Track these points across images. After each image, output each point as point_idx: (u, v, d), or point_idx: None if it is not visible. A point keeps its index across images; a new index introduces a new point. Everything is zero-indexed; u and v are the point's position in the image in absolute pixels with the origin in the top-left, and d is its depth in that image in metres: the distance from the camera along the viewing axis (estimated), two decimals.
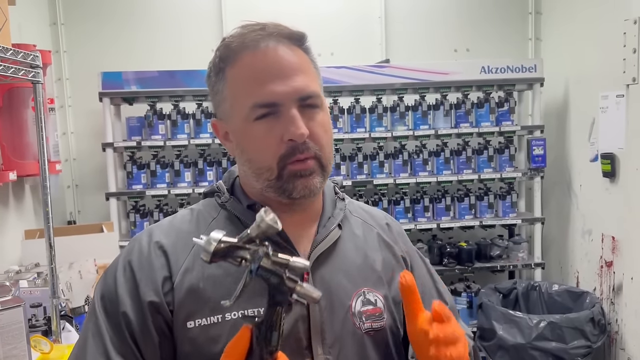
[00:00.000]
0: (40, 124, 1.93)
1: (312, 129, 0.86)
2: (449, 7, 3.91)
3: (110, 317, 0.84)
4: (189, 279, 0.85)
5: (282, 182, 0.87)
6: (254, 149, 0.88)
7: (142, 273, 0.85)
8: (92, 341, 0.83)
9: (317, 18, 3.76)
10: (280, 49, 0.87)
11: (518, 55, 3.91)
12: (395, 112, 3.54)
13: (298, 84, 0.86)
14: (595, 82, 3.25)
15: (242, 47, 0.87)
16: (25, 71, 1.92)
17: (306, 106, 0.87)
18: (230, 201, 0.95)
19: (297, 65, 0.87)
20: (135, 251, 0.89)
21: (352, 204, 1.05)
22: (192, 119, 3.45)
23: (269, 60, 0.86)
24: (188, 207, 0.99)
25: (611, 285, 3.19)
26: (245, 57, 0.87)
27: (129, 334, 0.82)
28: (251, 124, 0.87)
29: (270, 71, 0.85)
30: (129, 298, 0.84)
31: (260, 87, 0.85)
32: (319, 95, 0.89)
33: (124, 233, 3.50)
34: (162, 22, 3.72)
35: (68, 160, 3.69)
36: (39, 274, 2.32)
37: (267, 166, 0.87)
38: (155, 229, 0.92)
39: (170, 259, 0.87)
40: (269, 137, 0.85)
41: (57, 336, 1.94)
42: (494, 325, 3.05)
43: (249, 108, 0.86)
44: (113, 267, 0.89)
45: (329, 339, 0.87)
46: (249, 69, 0.86)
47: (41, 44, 2.91)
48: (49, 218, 1.97)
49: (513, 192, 3.69)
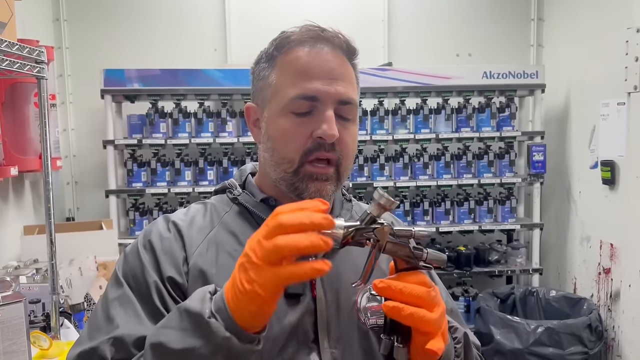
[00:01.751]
0: (44, 120, 1.93)
1: (342, 137, 0.89)
2: (452, 12, 3.92)
3: (137, 289, 0.85)
4: (202, 263, 0.87)
5: (297, 179, 0.89)
6: (282, 139, 0.90)
7: (163, 250, 0.88)
8: (119, 306, 0.83)
9: (320, 20, 3.74)
10: (335, 55, 0.90)
11: (520, 61, 3.92)
12: (396, 115, 3.55)
13: (341, 88, 0.89)
14: (597, 90, 3.26)
15: (299, 41, 0.90)
16: (30, 66, 1.92)
17: (342, 114, 0.90)
18: (242, 195, 0.97)
19: (346, 74, 0.91)
20: (154, 233, 0.91)
21: (358, 206, 1.07)
22: (194, 118, 3.45)
23: (321, 60, 0.89)
24: (201, 202, 1.00)
25: (609, 292, 3.20)
26: (299, 51, 0.90)
27: (161, 302, 0.83)
28: (287, 114, 0.89)
29: (319, 69, 0.88)
30: (154, 271, 0.86)
31: (306, 81, 0.88)
32: (356, 107, 0.92)
33: (123, 231, 3.49)
34: (166, 20, 3.72)
35: (68, 157, 3.68)
36: (38, 270, 2.31)
37: (290, 158, 0.89)
38: (172, 216, 0.95)
39: (186, 242, 0.89)
40: (300, 130, 0.88)
41: (56, 332, 1.94)
42: (492, 330, 3.05)
43: (290, 99, 0.88)
44: (133, 248, 0.91)
45: (335, 333, 0.88)
46: (301, 62, 0.89)
47: (44, 40, 2.90)
48: (51, 214, 1.97)
49: (512, 198, 3.70)
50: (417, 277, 0.75)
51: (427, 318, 0.74)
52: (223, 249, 0.89)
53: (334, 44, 0.91)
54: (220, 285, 0.81)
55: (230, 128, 3.45)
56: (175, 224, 0.92)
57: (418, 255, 0.74)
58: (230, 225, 0.93)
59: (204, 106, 3.47)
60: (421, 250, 0.74)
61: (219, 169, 3.48)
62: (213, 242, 0.89)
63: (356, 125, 0.94)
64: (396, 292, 0.73)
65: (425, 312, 0.74)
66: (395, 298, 0.74)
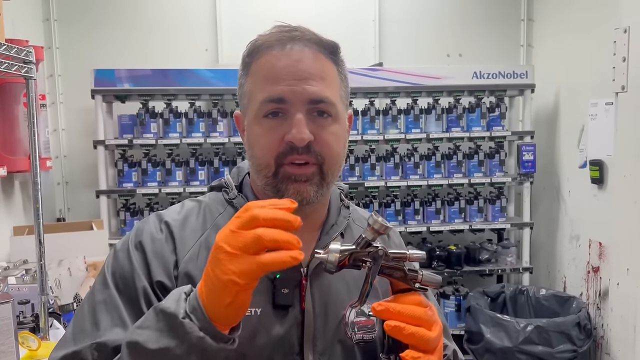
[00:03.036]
0: (32, 120, 1.93)
1: (320, 136, 0.87)
2: (443, 13, 3.94)
3: (124, 292, 0.84)
4: (192, 268, 0.86)
5: (277, 182, 0.88)
6: (257, 145, 0.89)
7: (154, 253, 0.87)
8: (105, 311, 0.83)
9: (311, 20, 3.71)
10: (305, 53, 0.88)
11: (510, 62, 3.94)
12: (387, 115, 3.56)
13: (311, 87, 0.86)
14: (585, 90, 3.28)
15: (268, 45, 0.89)
16: (18, 66, 1.92)
17: (318, 114, 0.88)
18: (237, 198, 0.95)
19: (317, 71, 0.88)
20: (146, 233, 0.90)
21: (355, 212, 1.05)
22: (185, 118, 3.45)
23: (288, 61, 0.87)
24: (195, 199, 0.99)
25: (597, 291, 3.23)
26: (268, 55, 0.88)
27: (147, 307, 0.82)
28: (260, 119, 0.88)
29: (286, 71, 0.86)
30: (144, 275, 0.85)
31: (273, 84, 0.86)
32: (333, 104, 0.89)
33: (113, 231, 3.48)
34: (156, 20, 3.71)
35: (58, 157, 3.67)
36: (27, 271, 2.30)
37: (266, 163, 0.88)
38: (164, 214, 0.93)
39: (177, 245, 0.88)
40: (272, 134, 0.87)
41: (45, 333, 1.93)
42: (482, 328, 3.07)
43: (260, 103, 0.88)
44: (124, 246, 0.90)
45: (320, 346, 0.88)
46: (270, 66, 0.88)
47: (34, 40, 2.89)
48: (40, 215, 1.96)
49: (503, 197, 3.72)
50: (414, 298, 0.77)
51: (427, 337, 0.76)
52: None
53: (306, 41, 0.89)
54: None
55: (222, 128, 3.45)
56: (168, 224, 0.90)
57: (413, 277, 0.76)
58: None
59: (194, 106, 3.46)
60: (416, 272, 0.76)
61: (210, 169, 3.48)
62: (205, 246, 0.88)
63: (339, 122, 0.91)
64: (394, 314, 0.75)
65: (425, 331, 0.76)
66: (395, 319, 0.75)
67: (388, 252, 0.75)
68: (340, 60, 0.94)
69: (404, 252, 0.75)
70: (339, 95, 0.92)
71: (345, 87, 0.95)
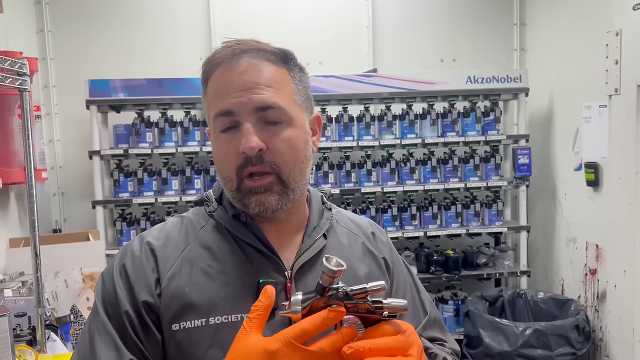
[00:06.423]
0: (27, 132, 1.92)
1: (273, 144, 0.88)
2: (436, 18, 3.96)
3: (113, 317, 0.86)
4: (176, 283, 0.88)
5: (241, 195, 0.90)
6: (218, 160, 0.92)
7: (135, 275, 0.88)
8: (100, 339, 0.85)
9: (305, 27, 3.79)
10: (250, 64, 0.89)
11: (503, 66, 3.96)
12: (382, 121, 3.57)
13: (256, 96, 0.87)
14: (579, 93, 3.30)
15: (215, 62, 0.90)
16: (12, 79, 1.91)
17: (269, 122, 0.88)
18: (217, 210, 0.97)
19: (264, 80, 0.88)
20: (128, 255, 0.91)
21: (339, 214, 1.07)
22: (180, 127, 3.45)
23: (233, 74, 0.88)
24: (178, 215, 1.01)
25: (595, 293, 3.23)
26: (217, 72, 0.90)
27: (133, 331, 0.85)
28: (218, 135, 0.90)
29: (231, 84, 0.88)
30: (127, 299, 0.86)
31: (221, 99, 0.88)
32: (283, 109, 0.89)
33: (110, 241, 3.47)
34: (150, 30, 3.72)
35: (54, 168, 3.66)
36: (24, 283, 2.29)
37: (229, 177, 0.90)
38: (146, 235, 0.95)
39: (159, 262, 0.90)
40: (229, 148, 0.89)
41: (42, 346, 1.92)
42: (481, 333, 3.07)
43: (213, 119, 0.90)
44: (109, 271, 0.91)
45: None
46: (218, 82, 0.90)
47: (28, 51, 2.89)
48: (35, 226, 1.95)
49: (499, 201, 3.73)
50: (384, 328, 0.76)
51: None
52: (197, 265, 0.90)
53: (252, 52, 0.90)
54: (194, 300, 0.84)
55: None
56: (149, 243, 0.92)
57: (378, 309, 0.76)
58: (205, 240, 0.93)
59: (190, 115, 3.47)
60: (380, 303, 0.76)
61: (206, 178, 3.47)
62: (187, 260, 0.90)
63: (295, 126, 0.91)
64: (366, 352, 0.74)
65: (400, 358, 0.75)
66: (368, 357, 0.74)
67: (348, 291, 0.75)
68: (294, 65, 0.95)
69: (363, 287, 0.75)
70: (293, 100, 0.92)
71: (303, 90, 0.95)
